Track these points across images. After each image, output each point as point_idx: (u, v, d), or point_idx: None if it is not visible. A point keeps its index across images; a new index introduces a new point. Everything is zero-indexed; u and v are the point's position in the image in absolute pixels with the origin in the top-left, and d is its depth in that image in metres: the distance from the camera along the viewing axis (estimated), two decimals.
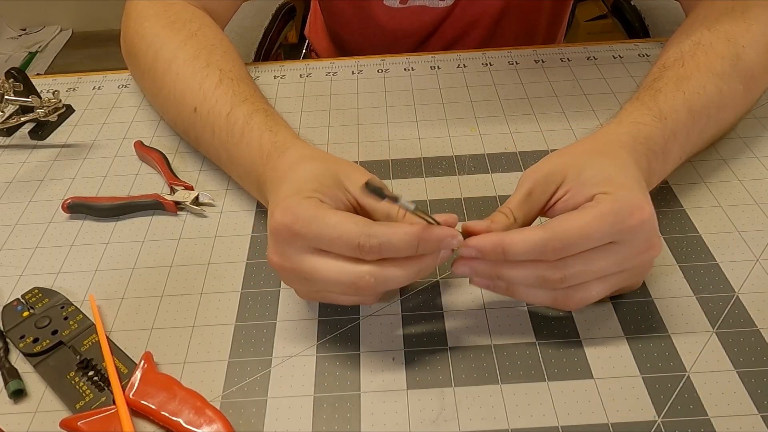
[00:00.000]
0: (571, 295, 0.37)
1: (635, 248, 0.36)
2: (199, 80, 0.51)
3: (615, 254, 0.36)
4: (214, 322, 0.42)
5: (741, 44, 0.49)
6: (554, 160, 0.40)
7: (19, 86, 0.59)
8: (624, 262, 0.37)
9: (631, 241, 0.36)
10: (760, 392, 0.37)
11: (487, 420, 0.36)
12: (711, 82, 0.47)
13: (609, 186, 0.37)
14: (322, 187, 0.38)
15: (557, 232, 0.35)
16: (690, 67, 0.48)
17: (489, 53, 0.69)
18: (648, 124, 0.43)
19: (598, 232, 0.35)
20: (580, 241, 0.35)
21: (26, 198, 0.54)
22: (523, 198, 0.39)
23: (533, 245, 0.36)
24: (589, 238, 0.35)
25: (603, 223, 0.35)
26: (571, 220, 0.36)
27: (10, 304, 0.44)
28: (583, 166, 0.39)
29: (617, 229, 0.36)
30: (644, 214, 0.36)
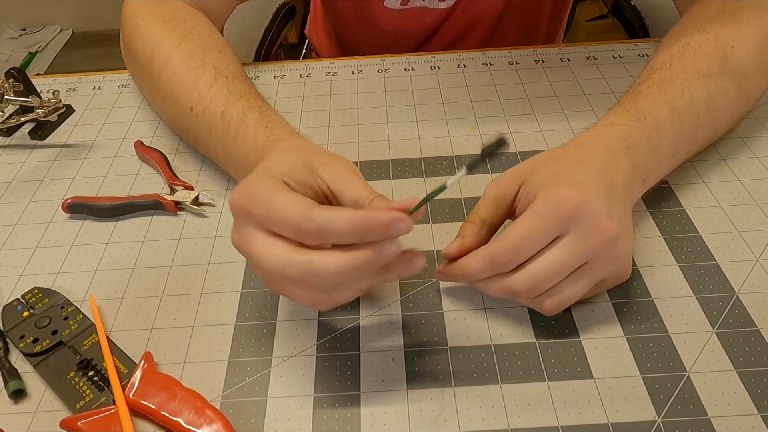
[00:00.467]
0: (544, 302, 0.38)
1: (581, 234, 0.37)
2: (194, 79, 0.51)
3: (564, 246, 0.37)
4: (214, 322, 0.42)
5: (730, 44, 0.50)
6: (519, 166, 0.42)
7: (19, 86, 0.59)
8: (577, 251, 0.37)
9: (575, 229, 0.37)
10: (760, 392, 0.37)
11: (487, 420, 0.36)
12: (697, 82, 0.47)
13: (546, 184, 0.38)
14: (290, 170, 0.37)
15: (502, 242, 0.38)
16: (676, 69, 0.48)
17: (489, 53, 0.69)
18: (624, 124, 0.44)
19: (537, 229, 0.37)
20: (524, 244, 0.37)
21: (26, 198, 0.54)
22: (490, 202, 0.41)
23: (483, 262, 0.38)
24: (530, 238, 0.37)
25: (538, 219, 0.37)
26: (512, 228, 0.38)
27: (10, 304, 0.44)
28: (535, 169, 0.41)
29: (554, 221, 0.37)
30: (575, 199, 0.37)
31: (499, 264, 0.38)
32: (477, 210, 0.42)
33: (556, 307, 0.39)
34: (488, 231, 0.41)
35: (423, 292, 0.44)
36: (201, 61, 0.52)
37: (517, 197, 0.41)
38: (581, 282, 0.38)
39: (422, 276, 0.45)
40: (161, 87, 0.54)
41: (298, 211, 0.33)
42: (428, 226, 0.48)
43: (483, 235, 0.41)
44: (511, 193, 0.41)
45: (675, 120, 0.46)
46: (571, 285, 0.38)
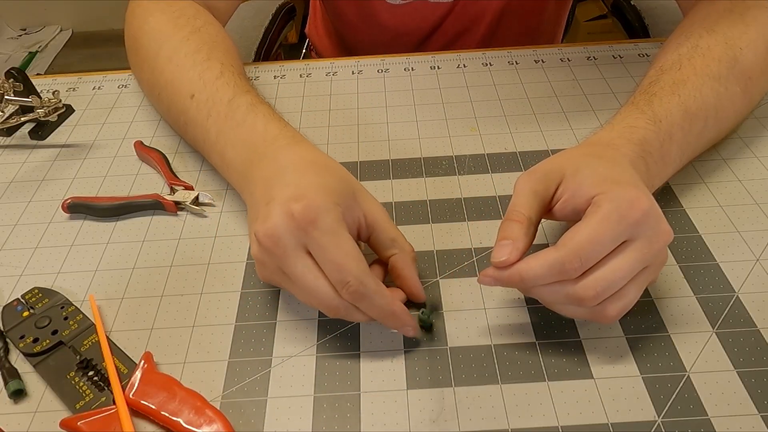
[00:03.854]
0: (608, 307, 0.37)
1: (648, 239, 0.36)
2: (200, 71, 0.52)
3: (633, 252, 0.36)
4: (214, 322, 0.42)
5: (739, 46, 0.49)
6: (551, 161, 0.41)
7: (19, 86, 0.59)
8: (644, 257, 0.36)
9: (642, 234, 0.36)
10: (760, 392, 0.37)
11: (487, 420, 0.36)
12: (707, 85, 0.47)
13: (605, 185, 0.37)
14: (343, 196, 0.39)
15: (570, 247, 0.35)
16: (687, 70, 0.48)
17: (489, 53, 0.69)
18: (642, 127, 0.44)
19: (608, 235, 0.35)
20: (595, 249, 0.35)
21: (26, 198, 0.54)
22: (530, 197, 0.39)
23: (550, 267, 0.36)
24: (601, 244, 0.35)
25: (608, 224, 0.35)
26: (579, 232, 0.36)
27: (10, 304, 0.44)
28: (579, 166, 0.39)
29: (624, 226, 0.36)
30: (643, 204, 0.36)
31: (567, 270, 0.35)
32: (518, 207, 0.39)
33: (620, 313, 0.37)
34: (534, 229, 0.39)
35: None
36: (208, 55, 0.53)
37: (557, 193, 0.39)
38: (640, 285, 0.37)
39: (422, 276, 0.45)
40: (163, 77, 0.54)
41: (354, 268, 0.37)
42: (428, 226, 0.48)
43: (531, 235, 0.38)
44: (550, 189, 0.39)
45: (686, 124, 0.45)
46: (633, 288, 0.37)
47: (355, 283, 0.36)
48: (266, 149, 0.44)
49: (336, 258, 0.37)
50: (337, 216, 0.38)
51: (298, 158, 0.42)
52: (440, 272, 0.45)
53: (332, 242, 0.37)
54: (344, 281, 0.36)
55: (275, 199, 0.38)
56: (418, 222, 0.49)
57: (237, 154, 0.46)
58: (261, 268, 0.40)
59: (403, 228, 0.48)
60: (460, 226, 0.48)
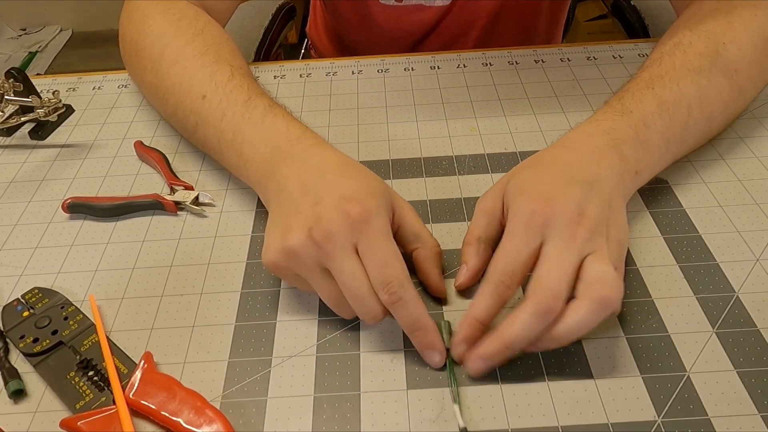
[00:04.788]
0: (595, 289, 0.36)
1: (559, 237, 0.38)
2: (210, 73, 0.51)
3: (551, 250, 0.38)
4: (214, 322, 0.42)
5: (722, 41, 0.50)
6: (502, 179, 0.44)
7: (19, 86, 0.59)
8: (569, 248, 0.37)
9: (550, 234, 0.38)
10: (760, 392, 0.37)
11: (487, 420, 0.36)
12: (687, 78, 0.48)
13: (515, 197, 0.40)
14: (386, 203, 0.41)
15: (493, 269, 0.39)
16: (666, 66, 0.49)
17: (489, 53, 0.69)
18: (608, 119, 0.45)
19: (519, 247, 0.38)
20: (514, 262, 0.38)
21: (26, 198, 0.54)
22: (480, 218, 0.43)
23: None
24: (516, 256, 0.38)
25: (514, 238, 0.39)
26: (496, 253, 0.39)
27: (10, 304, 0.44)
28: (511, 179, 0.43)
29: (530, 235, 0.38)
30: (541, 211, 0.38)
31: (501, 288, 0.38)
32: (471, 230, 0.43)
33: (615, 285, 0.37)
34: (486, 247, 0.43)
35: (423, 292, 0.44)
36: (215, 58, 0.53)
37: (504, 208, 0.42)
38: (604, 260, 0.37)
39: None
40: (168, 80, 0.54)
41: (399, 270, 0.38)
42: (428, 226, 0.48)
43: (483, 252, 0.42)
44: (498, 206, 0.43)
45: (664, 113, 0.46)
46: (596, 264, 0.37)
47: (397, 284, 0.37)
48: (291, 149, 0.44)
49: (383, 257, 0.38)
50: (387, 220, 0.40)
51: (329, 160, 0.43)
52: None
53: (381, 243, 0.38)
54: (387, 281, 0.37)
55: (325, 198, 0.39)
56: None
57: (257, 152, 0.46)
58: (295, 263, 0.39)
59: None
60: (460, 226, 0.48)
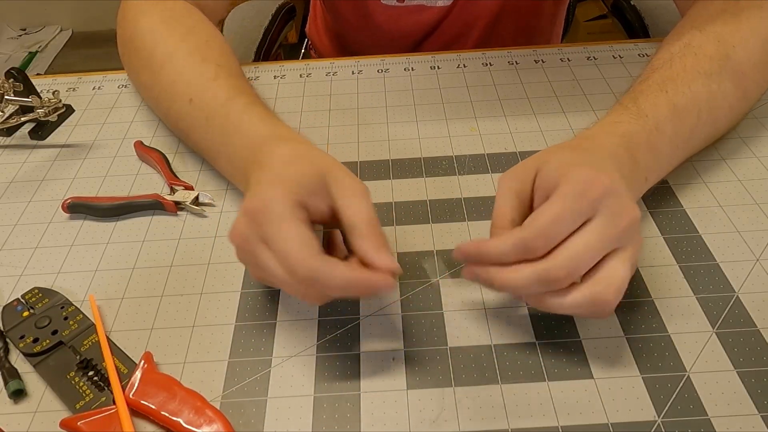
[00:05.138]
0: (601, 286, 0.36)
1: (610, 216, 0.36)
2: (197, 74, 0.52)
3: (597, 227, 0.36)
4: (214, 322, 0.42)
5: (731, 44, 0.50)
6: (530, 159, 0.42)
7: (19, 86, 0.59)
8: (609, 234, 0.36)
9: (603, 211, 0.36)
10: (760, 392, 0.37)
11: (487, 420, 0.36)
12: (697, 82, 0.47)
13: (567, 169, 0.38)
14: (306, 185, 0.39)
15: (531, 226, 0.36)
16: (677, 68, 0.48)
17: (489, 53, 0.69)
18: (625, 122, 0.44)
19: (568, 212, 0.36)
20: (555, 227, 0.36)
21: (26, 198, 0.54)
22: (513, 200, 0.40)
23: (514, 245, 0.36)
24: (561, 221, 0.36)
25: (566, 201, 0.36)
26: (540, 212, 0.37)
27: (10, 304, 0.44)
28: (549, 158, 0.40)
29: (583, 203, 0.36)
30: (602, 182, 0.37)
31: (530, 248, 0.36)
32: (502, 211, 0.40)
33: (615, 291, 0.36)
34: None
35: (423, 292, 0.44)
36: (203, 57, 0.53)
37: (534, 187, 0.40)
38: (625, 263, 0.36)
39: (422, 276, 0.45)
40: (160, 81, 0.54)
41: (297, 253, 0.36)
42: (428, 226, 0.48)
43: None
44: (527, 185, 0.40)
45: (675, 118, 0.46)
46: (616, 265, 0.36)
47: (302, 269, 0.35)
48: (257, 153, 0.44)
49: (280, 247, 0.36)
50: (286, 204, 0.37)
51: (276, 157, 0.42)
52: (440, 272, 0.45)
53: (277, 232, 0.36)
54: (292, 270, 0.36)
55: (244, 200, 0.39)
56: (418, 222, 0.49)
57: (237, 158, 0.46)
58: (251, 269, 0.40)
59: (403, 228, 0.48)
60: (460, 226, 0.48)
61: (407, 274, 0.45)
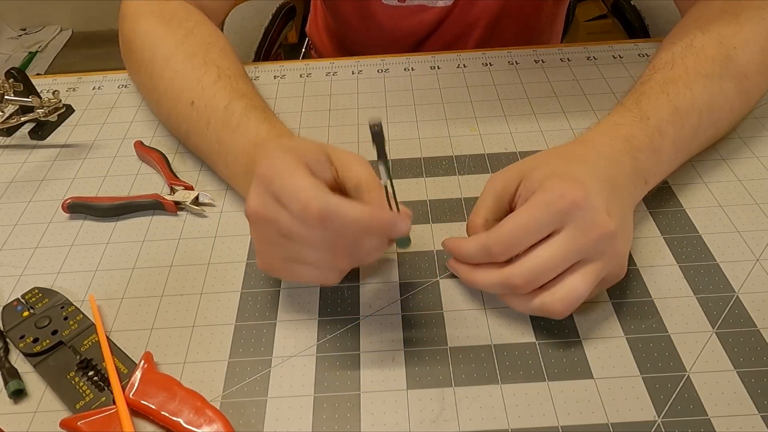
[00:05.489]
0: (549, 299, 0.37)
1: (578, 229, 0.37)
2: (198, 76, 0.51)
3: (561, 240, 0.37)
4: (214, 322, 0.42)
5: (732, 45, 0.50)
6: (518, 164, 0.42)
7: (19, 86, 0.59)
8: (575, 247, 0.37)
9: (570, 223, 0.37)
10: (760, 392, 0.37)
11: (487, 420, 0.36)
12: (699, 83, 0.47)
13: (546, 180, 0.38)
14: (309, 152, 0.38)
15: (496, 232, 0.38)
16: (679, 69, 0.48)
17: (489, 53, 0.69)
18: (627, 124, 0.44)
19: (531, 221, 0.37)
20: (518, 234, 0.37)
21: (26, 198, 0.54)
22: (490, 200, 0.42)
23: (479, 248, 0.39)
24: (525, 229, 0.37)
25: (534, 211, 0.37)
26: (507, 218, 0.38)
27: (10, 304, 0.44)
28: (537, 165, 0.41)
29: (550, 215, 0.37)
30: (573, 194, 0.37)
31: (493, 253, 0.38)
32: (478, 210, 0.42)
33: (566, 306, 0.37)
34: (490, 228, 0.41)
35: (423, 292, 0.44)
36: (204, 59, 0.53)
37: (517, 194, 0.41)
38: (586, 278, 0.37)
39: (422, 276, 0.45)
40: (161, 83, 0.54)
41: (311, 190, 0.35)
42: (428, 226, 0.48)
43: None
44: (510, 190, 0.41)
45: (677, 121, 0.46)
46: (576, 280, 0.37)
47: (316, 203, 0.34)
48: (256, 154, 0.44)
49: (290, 190, 0.35)
50: (290, 157, 0.37)
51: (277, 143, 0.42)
52: (440, 272, 0.45)
53: (289, 180, 0.36)
54: (305, 208, 0.34)
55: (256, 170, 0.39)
56: (418, 222, 0.49)
57: (236, 161, 0.46)
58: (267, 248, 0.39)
59: None
60: (460, 226, 0.48)
61: (407, 274, 0.45)
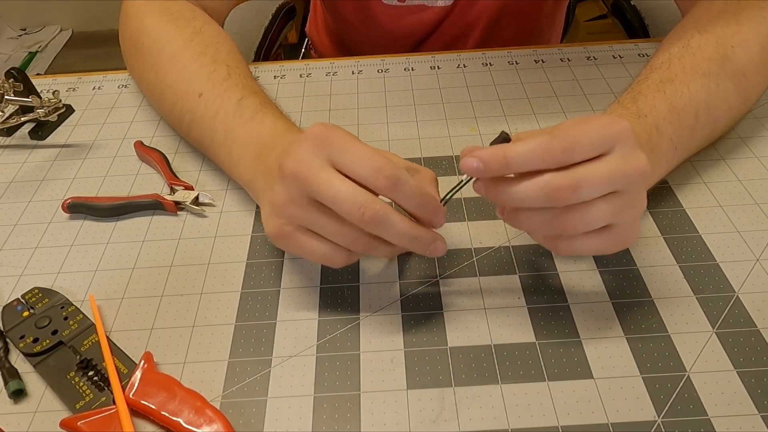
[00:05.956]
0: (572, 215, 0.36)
1: (624, 157, 0.36)
2: (207, 72, 0.52)
3: (608, 162, 0.35)
4: (214, 322, 0.42)
5: (730, 45, 0.50)
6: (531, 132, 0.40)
7: (19, 86, 0.59)
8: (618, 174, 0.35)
9: (619, 149, 0.36)
10: (760, 392, 0.37)
11: (487, 420, 0.36)
12: (697, 82, 0.47)
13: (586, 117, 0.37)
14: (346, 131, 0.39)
15: (559, 132, 0.35)
16: (675, 69, 0.48)
17: (489, 53, 0.69)
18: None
19: (593, 136, 0.35)
20: (581, 144, 0.35)
21: (26, 198, 0.54)
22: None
23: (536, 146, 0.35)
24: (587, 141, 0.35)
25: (594, 126, 0.36)
26: (567, 125, 0.36)
27: (10, 304, 0.44)
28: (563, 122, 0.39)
29: (606, 134, 0.36)
30: (623, 125, 0.36)
31: (553, 149, 0.34)
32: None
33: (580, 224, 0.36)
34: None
35: (423, 292, 0.44)
36: (213, 58, 0.53)
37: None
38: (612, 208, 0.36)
39: (422, 276, 0.45)
40: (168, 77, 0.54)
41: (382, 157, 0.37)
42: None
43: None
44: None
45: (674, 118, 0.45)
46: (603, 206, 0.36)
47: (388, 168, 0.36)
48: (275, 142, 0.44)
49: (363, 153, 0.37)
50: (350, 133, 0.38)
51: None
52: (440, 272, 0.45)
53: (355, 144, 0.37)
54: (376, 170, 0.36)
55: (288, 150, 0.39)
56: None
57: (245, 149, 0.46)
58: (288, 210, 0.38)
59: None
60: (460, 226, 0.48)
61: (407, 274, 0.45)
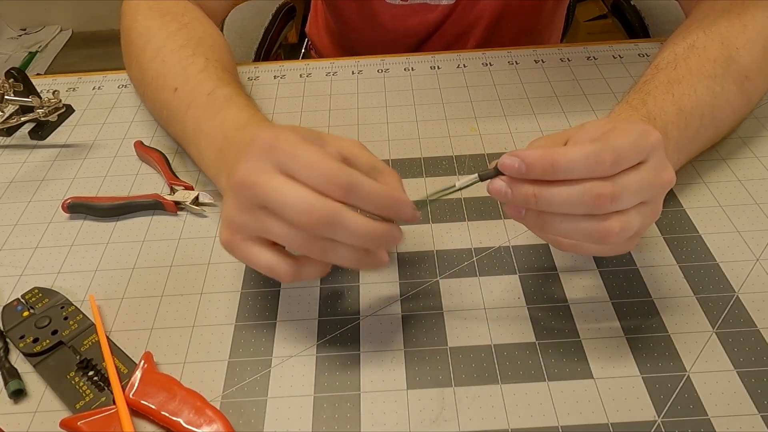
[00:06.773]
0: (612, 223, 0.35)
1: (656, 167, 0.36)
2: (184, 65, 0.52)
3: (645, 172, 0.35)
4: (214, 322, 0.42)
5: (735, 46, 0.50)
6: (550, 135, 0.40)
7: (19, 86, 0.59)
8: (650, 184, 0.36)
9: (653, 159, 0.36)
10: (760, 392, 0.37)
11: (487, 420, 0.36)
12: (702, 84, 0.47)
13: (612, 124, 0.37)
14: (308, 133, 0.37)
15: (609, 144, 0.35)
16: (681, 70, 0.48)
17: (489, 53, 0.69)
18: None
19: (637, 147, 0.35)
20: (628, 155, 0.35)
21: (26, 198, 0.54)
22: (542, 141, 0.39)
23: (586, 155, 0.34)
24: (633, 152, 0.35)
25: (636, 137, 0.35)
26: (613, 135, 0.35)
27: (10, 304, 0.44)
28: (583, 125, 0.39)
29: (646, 144, 0.36)
30: (657, 135, 0.36)
31: (602, 160, 0.34)
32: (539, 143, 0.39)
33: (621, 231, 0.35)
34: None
35: (423, 292, 0.44)
36: (193, 51, 0.53)
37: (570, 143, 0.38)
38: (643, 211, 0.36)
39: (422, 276, 0.45)
40: (149, 73, 0.55)
41: (331, 161, 0.34)
42: (428, 226, 0.48)
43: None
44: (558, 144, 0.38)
45: (681, 122, 0.45)
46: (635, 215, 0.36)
47: (340, 174, 0.34)
48: (235, 136, 0.43)
49: (311, 158, 0.34)
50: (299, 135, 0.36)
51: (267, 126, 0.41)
52: (440, 272, 0.45)
53: (305, 150, 0.35)
54: (330, 176, 0.34)
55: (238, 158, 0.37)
56: (418, 222, 0.49)
57: (210, 144, 0.46)
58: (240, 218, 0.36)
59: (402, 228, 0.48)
60: (460, 226, 0.48)
61: (407, 273, 0.45)
